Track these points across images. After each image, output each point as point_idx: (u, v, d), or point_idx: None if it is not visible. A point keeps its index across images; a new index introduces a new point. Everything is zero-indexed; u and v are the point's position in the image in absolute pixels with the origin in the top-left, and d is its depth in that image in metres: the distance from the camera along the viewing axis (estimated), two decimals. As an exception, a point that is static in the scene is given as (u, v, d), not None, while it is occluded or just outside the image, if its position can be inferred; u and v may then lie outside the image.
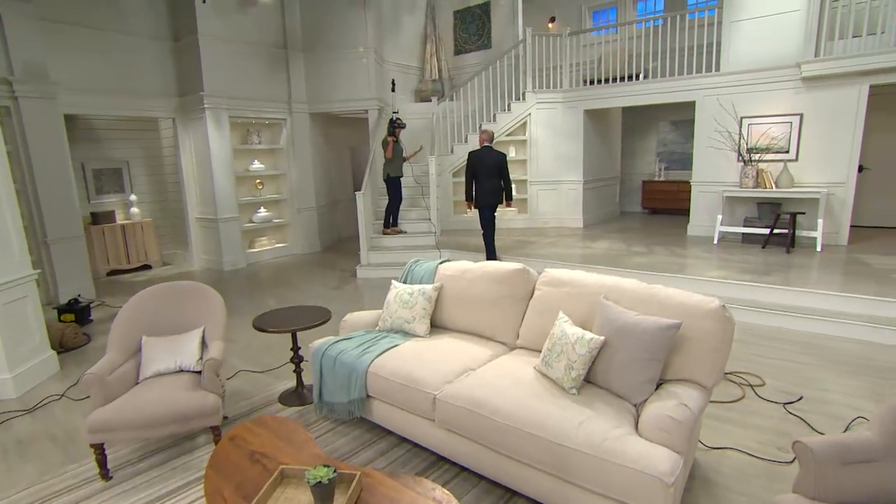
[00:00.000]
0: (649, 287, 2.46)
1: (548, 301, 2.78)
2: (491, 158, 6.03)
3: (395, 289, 3.27)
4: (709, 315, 2.22)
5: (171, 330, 3.04)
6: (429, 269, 3.37)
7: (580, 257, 6.17)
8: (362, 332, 3.16)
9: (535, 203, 8.66)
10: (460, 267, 3.23)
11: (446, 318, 3.20)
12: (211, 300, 3.14)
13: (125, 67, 6.83)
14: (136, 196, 7.94)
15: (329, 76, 8.23)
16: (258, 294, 6.24)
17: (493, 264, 3.10)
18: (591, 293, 2.60)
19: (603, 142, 9.17)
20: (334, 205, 9.74)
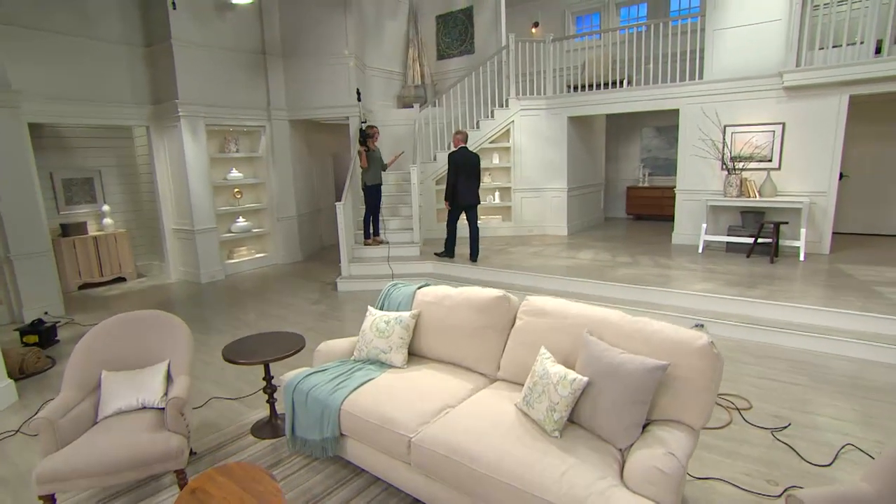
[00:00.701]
0: (634, 321, 2.34)
1: (529, 332, 2.66)
2: (472, 159, 6.28)
3: (371, 316, 3.13)
4: (697, 353, 2.11)
5: (134, 363, 2.86)
6: (406, 294, 3.23)
7: (565, 269, 6.08)
8: (337, 363, 3.01)
9: (520, 211, 8.57)
10: (439, 293, 3.10)
11: (425, 346, 3.06)
12: (176, 331, 2.97)
13: (95, 74, 6.59)
14: (109, 206, 7.69)
15: (309, 82, 8.05)
16: (235, 309, 6.05)
17: (474, 291, 2.97)
18: (575, 325, 2.49)
19: (587, 148, 9.12)
20: (316, 213, 9.56)
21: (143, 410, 2.70)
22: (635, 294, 5.21)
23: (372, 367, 2.93)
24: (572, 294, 5.49)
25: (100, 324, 2.90)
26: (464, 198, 6.27)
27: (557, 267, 6.20)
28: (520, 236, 8.50)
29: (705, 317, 4.65)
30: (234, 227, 8.15)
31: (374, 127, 7.00)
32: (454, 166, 6.22)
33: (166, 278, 7.84)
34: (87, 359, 2.74)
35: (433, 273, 6.71)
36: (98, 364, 2.78)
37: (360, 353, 3.07)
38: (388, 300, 3.31)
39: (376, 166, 6.93)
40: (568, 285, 5.63)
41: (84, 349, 2.76)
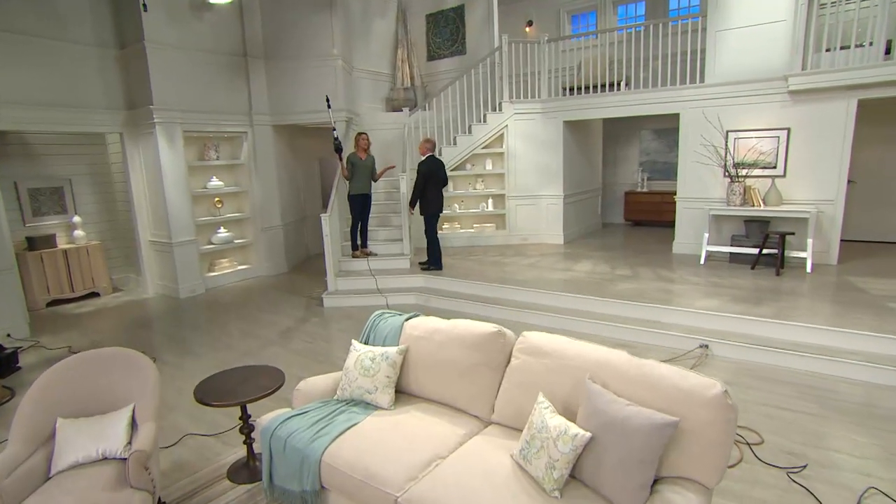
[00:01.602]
0: (640, 364, 2.20)
1: (526, 372, 2.51)
2: (441, 168, 6.58)
3: (356, 352, 2.97)
4: (709, 404, 1.97)
5: (94, 409, 2.68)
6: (394, 326, 3.08)
7: (562, 283, 5.95)
8: (318, 404, 2.85)
9: (514, 218, 8.48)
10: (429, 326, 2.94)
11: (413, 383, 2.91)
12: (142, 371, 2.79)
13: (64, 78, 6.38)
14: (81, 217, 7.46)
15: (293, 85, 7.89)
16: (215, 328, 5.88)
17: (466, 326, 2.82)
18: (575, 368, 2.34)
19: (584, 152, 9.02)
20: (302, 221, 9.40)
21: (103, 462, 2.52)
22: (636, 311, 5.09)
23: (356, 410, 2.77)
24: (571, 311, 5.37)
25: (54, 366, 2.71)
26: (435, 206, 6.57)
27: (554, 281, 6.08)
28: (514, 245, 8.38)
29: (710, 336, 4.53)
30: (214, 238, 7.96)
31: (362, 134, 6.83)
32: (423, 177, 6.43)
33: (143, 293, 7.64)
34: (39, 407, 2.56)
35: (424, 287, 6.57)
36: (52, 411, 2.60)
37: (343, 393, 2.91)
38: (375, 332, 3.15)
39: (363, 175, 6.75)
40: (566, 301, 5.51)
41: (36, 396, 2.58)
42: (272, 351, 5.08)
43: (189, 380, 4.47)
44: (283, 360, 4.81)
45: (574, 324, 5.19)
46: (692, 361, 4.33)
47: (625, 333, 4.91)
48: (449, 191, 8.45)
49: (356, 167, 6.69)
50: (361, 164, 6.73)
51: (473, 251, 8.04)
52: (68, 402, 2.65)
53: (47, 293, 7.01)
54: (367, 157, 6.84)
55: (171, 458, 3.34)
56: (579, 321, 5.16)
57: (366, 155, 6.82)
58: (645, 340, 4.80)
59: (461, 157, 8.33)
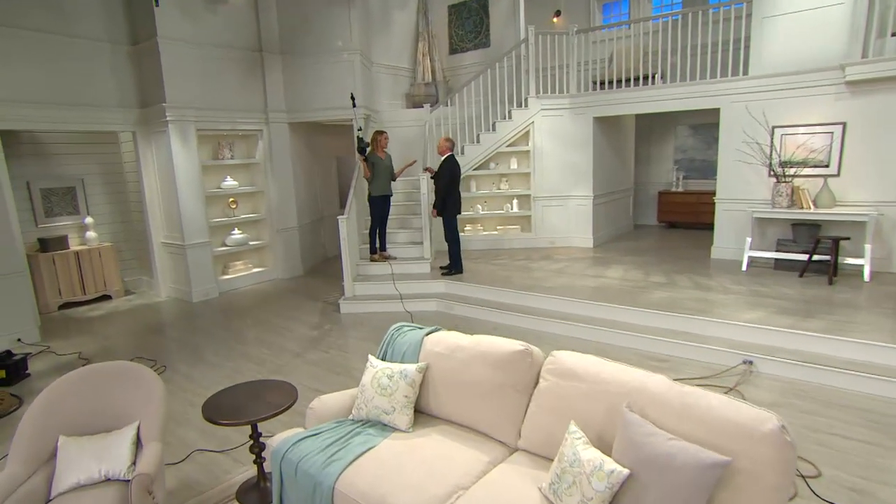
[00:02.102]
0: (685, 392, 2.06)
1: (556, 397, 2.39)
2: (459, 167, 6.58)
3: (373, 368, 2.88)
4: (764, 440, 1.83)
5: (97, 427, 2.65)
6: (413, 342, 2.98)
7: (591, 291, 5.81)
8: (332, 424, 2.77)
9: (540, 220, 8.36)
10: (451, 342, 2.85)
11: (433, 404, 2.82)
12: (148, 386, 2.76)
13: (74, 75, 6.46)
14: (93, 218, 7.56)
15: (310, 81, 7.89)
16: (228, 334, 5.89)
17: (490, 343, 2.72)
18: (610, 394, 2.21)
19: (615, 150, 8.85)
20: (319, 221, 9.43)
21: (105, 484, 2.48)
22: (672, 322, 4.92)
23: (372, 432, 2.69)
24: (600, 321, 5.23)
25: (57, 381, 2.69)
26: (458, 207, 6.57)
27: (584, 288, 5.93)
28: (541, 249, 8.25)
29: (754, 351, 4.34)
30: (229, 240, 8.01)
31: (382, 132, 6.78)
32: (450, 172, 6.37)
33: (155, 296, 7.72)
34: (40, 424, 2.54)
35: (445, 293, 6.49)
36: (54, 428, 2.57)
37: (359, 412, 2.83)
38: (392, 347, 3.07)
39: (384, 175, 6.70)
40: (596, 311, 5.37)
41: (37, 413, 2.56)
42: (286, 360, 5.05)
43: (200, 391, 4.45)
44: (297, 371, 4.78)
45: (604, 335, 5.06)
46: (735, 379, 4.14)
47: (659, 346, 4.75)
48: (471, 191, 8.39)
49: (377, 167, 6.64)
50: (382, 163, 6.68)
51: (497, 255, 7.93)
52: (71, 419, 2.62)
53: (59, 296, 7.11)
54: (388, 156, 6.79)
55: (178, 476, 3.31)
56: (610, 332, 5.03)
57: (385, 155, 6.76)
58: (681, 354, 4.63)
59: (485, 155, 8.24)
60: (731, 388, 3.97)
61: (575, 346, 4.91)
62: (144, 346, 5.64)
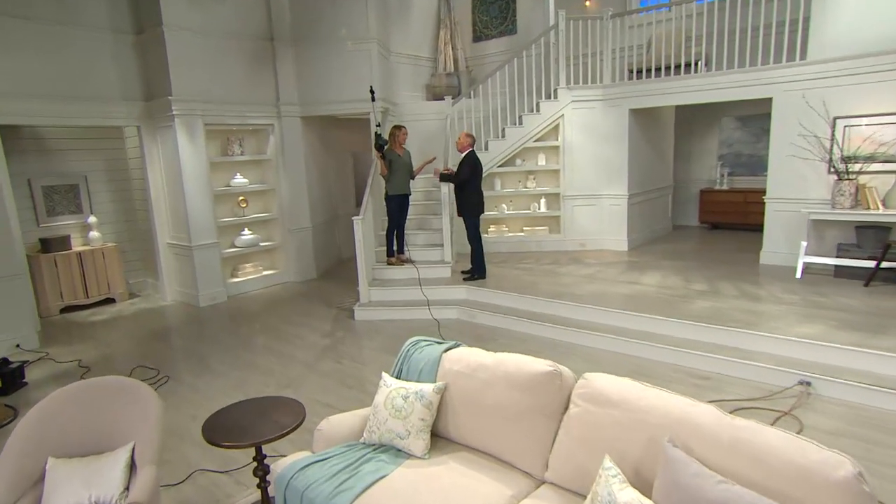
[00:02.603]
0: (737, 426, 1.93)
1: (588, 425, 2.28)
2: (481, 164, 6.56)
3: (386, 388, 2.80)
4: (836, 490, 1.68)
5: (90, 447, 2.62)
6: (430, 358, 2.90)
7: (625, 300, 5.67)
8: (342, 449, 2.70)
9: (570, 221, 8.25)
10: (471, 361, 2.75)
11: (452, 427, 2.72)
12: (145, 404, 2.71)
13: (77, 67, 6.53)
14: (97, 217, 7.65)
15: (324, 72, 7.88)
16: (235, 342, 5.90)
17: (515, 362, 2.61)
18: (650, 425, 2.09)
19: (652, 145, 8.68)
20: (333, 220, 9.44)
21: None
22: (716, 336, 4.75)
23: (385, 458, 2.60)
24: (635, 333, 5.10)
25: (46, 398, 2.66)
26: (481, 207, 6.59)
27: (617, 296, 5.80)
28: (570, 252, 8.14)
29: (811, 371, 4.14)
30: (238, 241, 8.05)
31: (400, 127, 6.72)
32: (471, 167, 6.37)
33: (161, 300, 7.79)
34: (28, 445, 2.51)
35: (467, 300, 6.42)
36: (43, 449, 2.54)
37: (371, 436, 2.75)
38: (408, 364, 2.98)
39: (402, 173, 6.64)
40: (630, 321, 5.24)
41: (25, 434, 2.53)
42: (297, 371, 5.03)
43: (204, 403, 4.43)
44: (308, 383, 4.75)
45: (640, 348, 4.92)
46: (790, 402, 3.95)
47: (701, 362, 4.59)
48: (495, 189, 8.33)
49: (394, 164, 6.58)
50: (400, 160, 6.62)
51: (523, 258, 7.84)
52: (61, 439, 2.59)
53: (60, 299, 7.21)
54: (406, 152, 6.74)
55: (177, 498, 3.27)
56: (646, 345, 4.89)
57: (403, 151, 6.71)
58: (726, 372, 4.45)
59: (510, 151, 8.15)
60: (786, 413, 3.79)
61: (607, 360, 4.89)
62: (147, 353, 5.67)
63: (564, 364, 4.45)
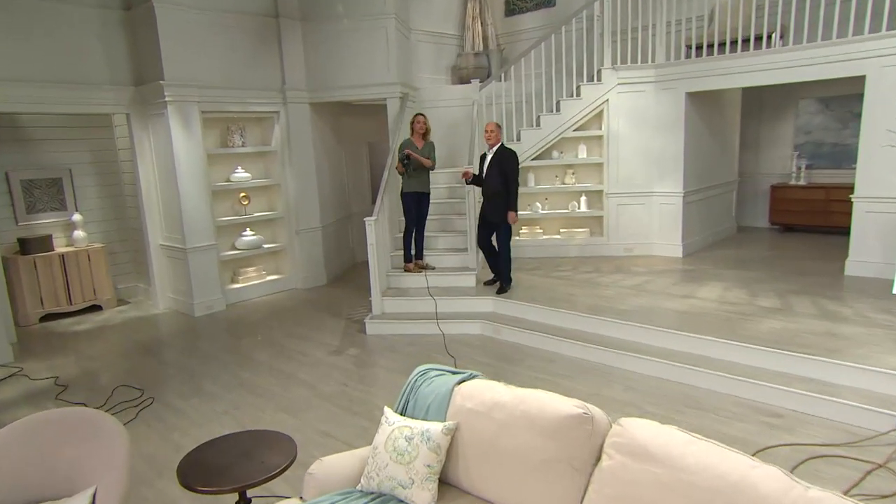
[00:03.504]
0: (811, 499, 1.74)
1: (623, 483, 2.12)
2: (516, 158, 6.41)
3: (388, 426, 2.69)
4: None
5: (44, 492, 2.57)
6: (440, 392, 2.78)
7: (677, 317, 5.51)
8: (335, 497, 2.59)
9: (615, 222, 8.18)
10: (487, 397, 2.62)
11: (463, 475, 2.60)
12: (110, 441, 2.65)
13: (59, 47, 6.58)
14: (82, 215, 7.73)
15: (336, 53, 7.90)
16: (232, 358, 5.92)
17: (538, 401, 2.47)
18: (699, 489, 1.92)
19: (714, 133, 8.52)
20: (346, 219, 9.49)
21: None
22: (789, 364, 4.52)
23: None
24: (689, 357, 4.91)
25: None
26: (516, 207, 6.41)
27: (668, 312, 5.64)
28: (614, 258, 8.05)
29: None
30: (239, 243, 8.09)
31: (420, 115, 6.66)
32: (503, 168, 6.25)
33: (152, 307, 7.86)
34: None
35: (494, 314, 6.34)
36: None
37: (370, 482, 2.64)
38: (415, 398, 2.87)
39: (420, 168, 6.59)
40: (683, 343, 5.06)
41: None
42: (297, 394, 4.99)
43: (191, 431, 4.40)
44: (308, 408, 4.71)
45: (694, 376, 4.73)
46: (885, 450, 3.68)
47: (770, 395, 4.36)
48: (529, 185, 8.29)
49: (411, 158, 6.52)
50: (418, 153, 6.56)
51: (559, 265, 7.76)
52: (10, 483, 2.54)
53: (40, 306, 7.30)
54: (426, 144, 6.66)
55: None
56: (702, 373, 4.69)
57: (423, 142, 6.63)
58: (802, 408, 4.21)
59: (546, 142, 8.06)
60: (881, 465, 3.53)
61: (652, 388, 4.74)
62: (133, 370, 5.70)
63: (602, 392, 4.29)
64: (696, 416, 4.20)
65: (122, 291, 8.32)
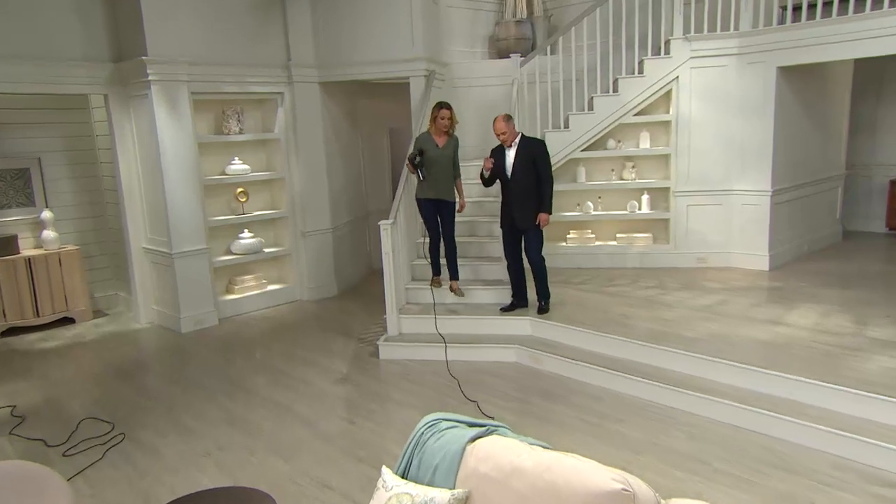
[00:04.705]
0: None
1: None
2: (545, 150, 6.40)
3: (385, 492, 2.60)
4: None
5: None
6: (450, 451, 2.66)
7: (759, 348, 5.34)
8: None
9: (683, 226, 8.11)
10: (505, 460, 2.48)
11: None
12: (48, 501, 2.59)
13: (23, 16, 6.65)
14: (53, 212, 7.84)
15: (351, 24, 7.94)
16: (221, 385, 5.95)
17: (565, 469, 2.33)
18: None
19: (813, 117, 8.36)
20: (362, 220, 9.56)
21: None
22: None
23: None
24: (773, 401, 4.71)
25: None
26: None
27: (747, 343, 5.47)
28: (683, 270, 7.95)
29: None
30: (235, 247, 8.16)
31: (442, 105, 6.40)
32: (534, 163, 6.23)
33: (133, 321, 7.97)
34: None
35: (532, 338, 6.29)
36: None
37: (355, 562, 2.52)
38: (420, 456, 2.77)
39: (439, 170, 6.38)
40: (765, 383, 4.87)
41: None
42: (293, 433, 4.96)
43: (165, 476, 4.38)
44: (305, 451, 4.66)
45: (777, 425, 4.52)
46: None
47: (883, 457, 4.12)
48: (578, 181, 8.32)
49: (428, 158, 6.30)
50: (438, 153, 6.36)
51: (614, 278, 7.69)
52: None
53: (3, 318, 7.41)
54: (449, 141, 6.46)
55: None
56: (788, 422, 4.49)
57: (446, 139, 6.44)
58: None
59: (600, 129, 7.99)
60: None
61: (723, 439, 4.56)
62: (104, 399, 5.73)
63: (659, 440, 4.10)
64: (781, 479, 3.99)
65: (100, 301, 8.45)
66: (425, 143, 6.38)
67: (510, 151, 6.25)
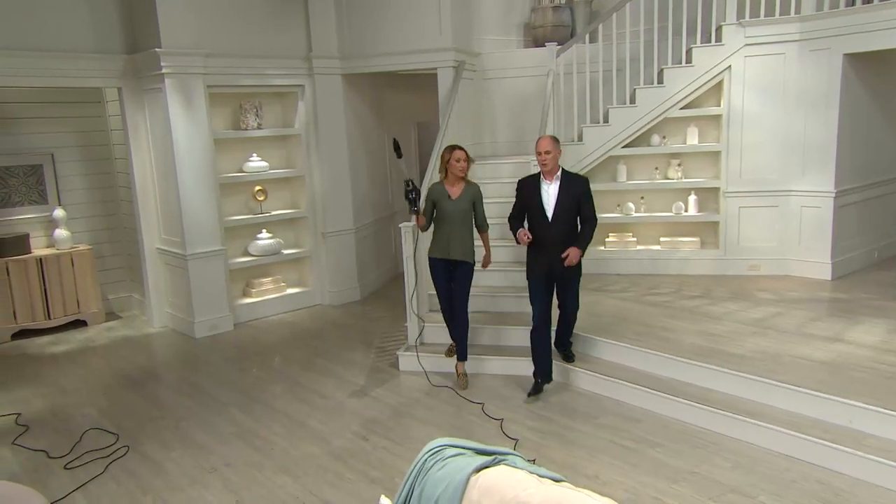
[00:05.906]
0: None
1: None
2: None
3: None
4: None
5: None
6: (454, 481, 2.58)
7: (817, 369, 5.16)
8: None
9: (734, 230, 8.01)
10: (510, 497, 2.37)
11: None
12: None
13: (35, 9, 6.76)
14: (66, 210, 7.98)
15: (376, 12, 7.98)
16: (233, 396, 6.00)
17: None
18: None
19: (884, 109, 8.22)
20: (388, 220, 9.59)
21: None
22: None
23: None
24: (834, 430, 4.54)
25: None
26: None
27: (803, 362, 5.29)
28: (733, 279, 7.83)
29: None
30: (252, 248, 8.22)
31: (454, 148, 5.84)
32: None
33: (147, 325, 8.07)
34: None
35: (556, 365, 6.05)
36: None
37: None
38: (422, 486, 2.70)
39: (453, 225, 5.80)
40: (824, 408, 4.70)
41: None
42: (305, 450, 4.96)
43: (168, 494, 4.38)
44: (315, 469, 4.65)
45: (837, 457, 4.34)
46: None
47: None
48: (618, 181, 8.32)
49: (442, 210, 5.80)
50: (452, 207, 5.77)
51: (657, 286, 7.63)
52: None
53: (13, 320, 7.54)
54: (467, 189, 5.84)
55: None
56: (849, 454, 4.31)
57: (462, 188, 5.82)
58: None
59: (644, 123, 7.93)
60: None
61: (773, 470, 4.44)
62: (111, 408, 5.79)
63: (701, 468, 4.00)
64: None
65: (113, 303, 8.59)
66: (437, 195, 5.85)
67: (550, 187, 5.51)
